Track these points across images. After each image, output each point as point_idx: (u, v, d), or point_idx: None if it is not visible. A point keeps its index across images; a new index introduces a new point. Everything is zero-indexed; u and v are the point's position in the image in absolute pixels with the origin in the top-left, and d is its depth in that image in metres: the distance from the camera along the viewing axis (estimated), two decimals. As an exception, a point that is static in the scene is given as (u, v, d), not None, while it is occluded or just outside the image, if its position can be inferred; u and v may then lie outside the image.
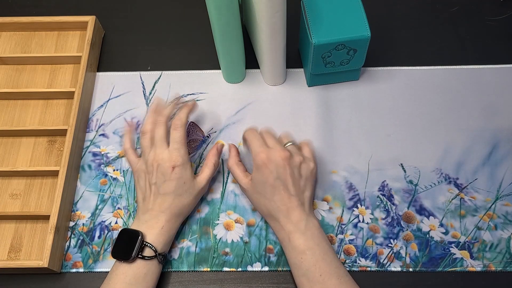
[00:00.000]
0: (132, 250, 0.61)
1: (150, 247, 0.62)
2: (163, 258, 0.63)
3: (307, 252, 0.61)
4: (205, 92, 0.80)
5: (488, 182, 0.72)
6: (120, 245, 0.62)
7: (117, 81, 0.82)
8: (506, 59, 0.81)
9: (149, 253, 0.62)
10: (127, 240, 0.62)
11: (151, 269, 0.62)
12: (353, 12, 0.71)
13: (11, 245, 0.70)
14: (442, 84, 0.79)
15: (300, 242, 0.62)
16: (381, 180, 0.73)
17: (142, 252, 0.62)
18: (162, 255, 0.63)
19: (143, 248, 0.62)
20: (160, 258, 0.62)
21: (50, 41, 0.85)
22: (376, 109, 0.78)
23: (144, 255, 0.61)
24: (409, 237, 0.69)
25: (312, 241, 0.62)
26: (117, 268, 0.62)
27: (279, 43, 0.71)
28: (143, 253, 0.62)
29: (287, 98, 0.79)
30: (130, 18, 0.88)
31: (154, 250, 0.62)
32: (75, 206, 0.72)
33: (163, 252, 0.64)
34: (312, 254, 0.61)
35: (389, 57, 0.82)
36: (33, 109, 0.79)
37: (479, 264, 0.67)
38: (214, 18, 0.67)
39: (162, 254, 0.63)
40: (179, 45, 0.85)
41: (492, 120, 0.76)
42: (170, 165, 0.64)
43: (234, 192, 0.73)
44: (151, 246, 0.62)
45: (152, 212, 0.64)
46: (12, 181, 0.74)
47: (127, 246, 0.61)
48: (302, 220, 0.63)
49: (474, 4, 0.86)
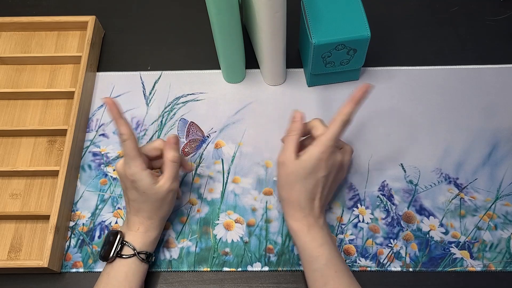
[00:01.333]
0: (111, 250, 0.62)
1: (128, 246, 0.62)
2: (146, 257, 0.63)
3: (325, 246, 0.62)
4: (205, 92, 0.80)
5: (488, 182, 0.72)
6: (104, 246, 0.63)
7: (117, 81, 0.82)
8: (506, 59, 0.81)
9: (128, 251, 0.62)
10: (109, 241, 0.63)
11: (131, 268, 0.62)
12: (353, 12, 0.71)
13: (11, 245, 0.70)
14: (442, 84, 0.79)
15: (320, 236, 0.62)
16: (381, 180, 0.73)
17: (121, 251, 0.62)
18: (144, 253, 0.63)
19: (123, 247, 0.63)
20: (140, 256, 0.62)
21: (50, 41, 0.85)
22: (376, 109, 0.78)
23: (123, 254, 0.62)
24: (409, 237, 0.69)
25: (328, 237, 0.63)
26: (104, 269, 0.63)
27: (279, 43, 0.71)
28: (121, 252, 0.62)
29: (287, 98, 0.79)
30: (130, 18, 0.88)
31: (132, 248, 0.62)
32: (75, 206, 0.72)
33: (144, 250, 0.63)
34: (329, 249, 0.62)
35: (389, 57, 0.82)
36: (33, 109, 0.79)
37: (479, 264, 0.67)
38: (214, 18, 0.67)
39: (143, 252, 0.63)
40: (179, 45, 0.85)
41: (492, 120, 0.76)
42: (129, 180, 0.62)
43: (234, 192, 0.73)
44: (129, 244, 0.62)
45: (130, 213, 0.65)
46: (12, 181, 0.74)
47: (109, 246, 0.62)
48: (321, 217, 0.64)
49: (474, 4, 0.86)
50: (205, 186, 0.73)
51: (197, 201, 0.72)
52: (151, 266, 0.68)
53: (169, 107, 0.79)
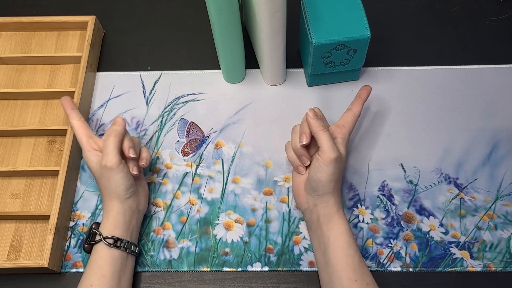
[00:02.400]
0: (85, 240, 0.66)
1: (96, 232, 0.64)
2: (114, 242, 0.63)
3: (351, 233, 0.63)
4: (205, 92, 0.80)
5: (488, 182, 0.72)
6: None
7: (117, 81, 0.82)
8: (506, 59, 0.81)
9: (97, 238, 0.64)
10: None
11: (99, 253, 0.63)
12: (353, 12, 0.71)
13: (11, 245, 0.70)
14: (442, 84, 0.79)
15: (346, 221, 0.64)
16: (381, 180, 0.73)
17: (93, 239, 0.64)
18: (111, 238, 0.63)
19: (94, 236, 0.65)
20: (107, 241, 0.63)
21: (50, 41, 0.85)
22: (376, 109, 0.78)
23: (90, 240, 0.64)
24: (409, 237, 0.69)
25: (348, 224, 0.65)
26: None
27: (279, 43, 0.71)
28: (92, 240, 0.64)
29: (287, 98, 0.79)
30: (130, 18, 0.88)
31: (99, 234, 0.64)
32: (75, 206, 0.72)
33: (113, 236, 0.63)
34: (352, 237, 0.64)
35: (389, 57, 0.82)
36: (33, 109, 0.79)
37: (479, 264, 0.67)
38: (214, 18, 0.67)
39: (109, 237, 0.63)
40: (179, 45, 0.85)
41: (492, 120, 0.76)
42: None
43: (234, 192, 0.73)
44: (97, 231, 0.64)
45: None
46: (12, 181, 0.74)
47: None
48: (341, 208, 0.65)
49: (474, 4, 0.86)
50: (205, 186, 0.73)
51: (197, 201, 0.72)
52: (152, 266, 0.68)
53: (169, 107, 0.79)
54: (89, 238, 0.65)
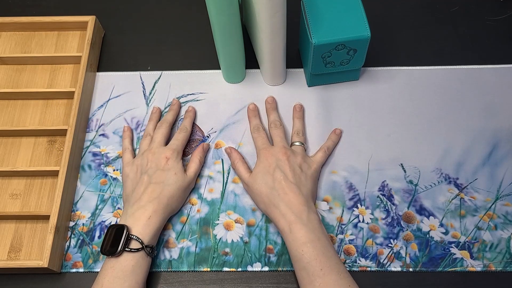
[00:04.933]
0: (118, 244, 0.62)
1: (136, 240, 0.62)
2: (150, 250, 0.63)
3: (308, 245, 0.61)
4: (205, 92, 0.80)
5: (488, 182, 0.72)
6: (108, 240, 0.63)
7: (117, 81, 0.82)
8: (506, 59, 0.81)
9: (135, 245, 0.63)
10: (113, 235, 0.63)
11: (138, 262, 0.62)
12: (353, 12, 0.71)
13: (11, 245, 0.70)
14: (442, 84, 0.79)
15: (302, 234, 0.62)
16: (381, 180, 0.73)
17: (129, 245, 0.62)
18: (150, 247, 0.63)
19: (129, 241, 0.62)
20: (147, 250, 0.63)
21: (50, 41, 0.85)
22: (376, 109, 0.78)
23: (131, 248, 0.62)
24: (409, 237, 0.69)
25: (313, 234, 0.62)
26: (106, 263, 0.63)
27: (279, 43, 0.71)
28: (129, 246, 0.62)
29: (287, 98, 0.79)
30: (130, 18, 0.88)
31: (140, 242, 0.62)
32: (75, 206, 0.72)
33: (150, 244, 0.64)
34: (313, 248, 0.61)
35: (389, 57, 0.82)
36: (33, 109, 0.79)
37: (479, 264, 0.67)
38: (214, 18, 0.67)
39: (149, 246, 0.63)
40: (179, 45, 0.85)
41: (492, 120, 0.76)
42: (164, 156, 0.69)
43: (234, 192, 0.73)
44: (137, 238, 0.62)
45: (140, 203, 0.65)
46: (12, 181, 0.74)
47: (114, 241, 0.62)
48: (304, 211, 0.63)
49: (474, 4, 0.86)
50: (205, 186, 0.73)
51: (197, 201, 0.72)
52: (151, 266, 0.68)
53: (169, 107, 0.79)
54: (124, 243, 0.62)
